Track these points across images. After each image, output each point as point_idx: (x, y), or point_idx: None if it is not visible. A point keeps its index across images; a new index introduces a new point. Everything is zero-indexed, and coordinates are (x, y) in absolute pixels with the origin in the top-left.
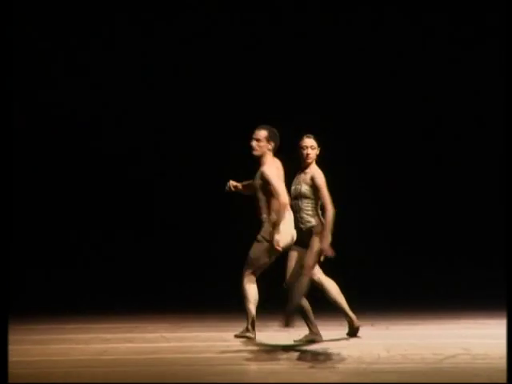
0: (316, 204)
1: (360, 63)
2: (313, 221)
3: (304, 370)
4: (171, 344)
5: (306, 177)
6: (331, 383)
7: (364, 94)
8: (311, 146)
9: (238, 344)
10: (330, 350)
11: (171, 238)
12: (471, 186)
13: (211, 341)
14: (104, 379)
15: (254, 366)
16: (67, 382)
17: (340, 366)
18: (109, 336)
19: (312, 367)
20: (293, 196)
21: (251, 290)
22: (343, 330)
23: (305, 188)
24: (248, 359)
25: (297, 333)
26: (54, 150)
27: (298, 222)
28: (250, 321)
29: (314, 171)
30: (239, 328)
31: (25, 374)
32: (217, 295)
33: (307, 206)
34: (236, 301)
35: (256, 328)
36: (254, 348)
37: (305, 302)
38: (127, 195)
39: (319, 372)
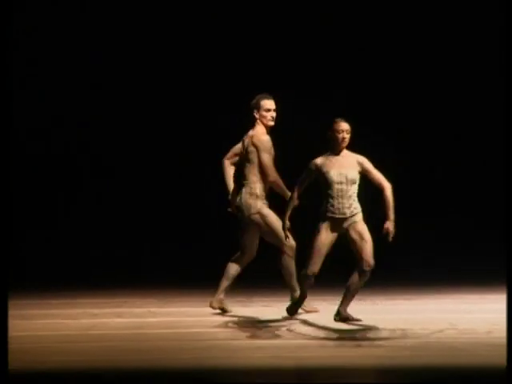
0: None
1: (362, 60)
2: (358, 207)
3: (290, 344)
4: (159, 319)
5: (348, 161)
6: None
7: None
8: (347, 130)
9: (225, 319)
10: (317, 325)
11: (162, 222)
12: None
13: (199, 316)
14: (91, 354)
15: (241, 341)
16: (54, 356)
17: (327, 341)
18: (96, 311)
19: (299, 342)
20: (336, 181)
21: (228, 266)
22: (330, 305)
23: (354, 174)
24: (235, 334)
25: (283, 308)
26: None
27: (339, 207)
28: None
29: (356, 155)
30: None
31: (10, 349)
32: (206, 270)
33: (354, 192)
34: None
35: (242, 303)
36: (242, 323)
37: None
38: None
39: (306, 347)
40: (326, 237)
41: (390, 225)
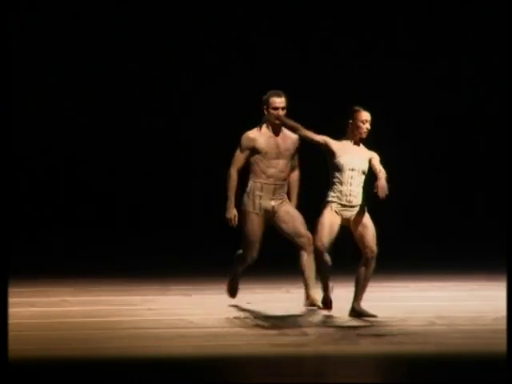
0: None
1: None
2: (363, 198)
3: (210, 333)
4: (76, 308)
5: (363, 154)
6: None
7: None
8: (369, 121)
9: (142, 308)
10: (228, 315)
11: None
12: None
13: (116, 305)
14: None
15: (160, 330)
16: None
17: (237, 329)
18: (11, 300)
19: (218, 331)
20: (349, 167)
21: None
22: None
23: (365, 164)
24: (155, 323)
25: (202, 297)
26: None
27: (347, 194)
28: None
29: (369, 151)
30: (144, 291)
31: None
32: (119, 258)
33: (362, 182)
34: (140, 264)
35: (161, 291)
36: (160, 312)
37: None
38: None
39: (225, 335)
40: (333, 217)
41: (379, 182)
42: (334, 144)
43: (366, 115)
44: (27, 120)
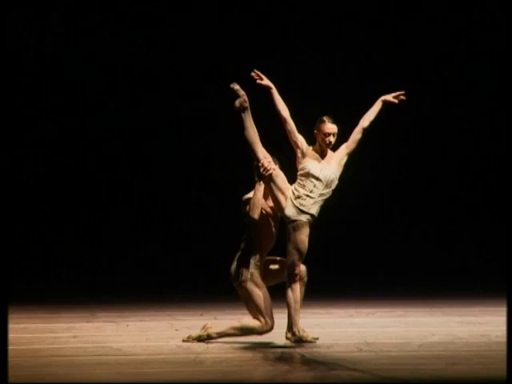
0: None
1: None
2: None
3: (134, 360)
4: None
5: (333, 163)
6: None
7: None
8: (334, 134)
9: (65, 336)
10: (158, 341)
11: None
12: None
13: (39, 332)
14: None
15: (83, 357)
16: None
17: (170, 356)
18: None
19: (142, 358)
20: (314, 176)
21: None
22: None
23: (333, 177)
24: (77, 351)
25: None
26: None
27: (302, 199)
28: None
29: (337, 152)
30: (68, 319)
31: None
32: (43, 286)
33: (325, 195)
34: (62, 292)
35: (86, 319)
36: (84, 339)
37: None
38: None
39: (149, 363)
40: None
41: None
42: (307, 148)
43: (329, 128)
44: None
